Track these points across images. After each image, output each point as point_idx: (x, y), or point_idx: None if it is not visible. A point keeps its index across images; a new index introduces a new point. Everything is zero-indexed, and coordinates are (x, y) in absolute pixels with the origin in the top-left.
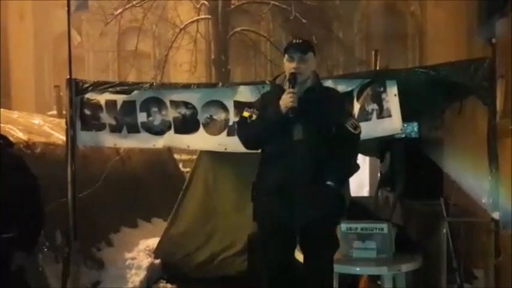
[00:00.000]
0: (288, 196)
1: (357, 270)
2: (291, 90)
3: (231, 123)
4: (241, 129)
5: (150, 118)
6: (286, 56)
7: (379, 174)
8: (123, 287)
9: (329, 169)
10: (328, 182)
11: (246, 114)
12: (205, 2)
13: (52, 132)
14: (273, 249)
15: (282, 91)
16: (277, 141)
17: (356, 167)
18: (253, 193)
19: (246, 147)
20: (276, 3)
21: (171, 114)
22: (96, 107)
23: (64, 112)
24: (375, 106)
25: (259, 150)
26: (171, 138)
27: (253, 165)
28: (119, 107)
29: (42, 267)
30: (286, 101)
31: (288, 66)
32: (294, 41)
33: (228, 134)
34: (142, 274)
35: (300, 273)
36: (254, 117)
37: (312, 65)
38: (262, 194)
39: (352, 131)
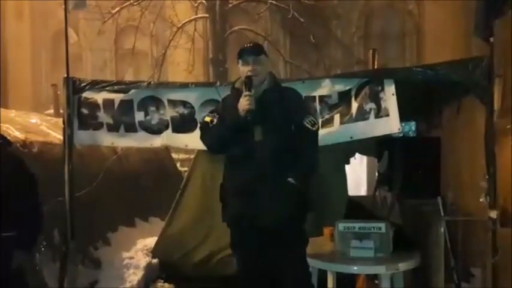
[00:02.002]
0: (252, 196)
1: (355, 269)
2: (247, 93)
3: None
4: (204, 134)
5: (148, 117)
6: (240, 61)
7: (376, 174)
8: (121, 286)
9: (290, 166)
10: (289, 179)
11: (207, 119)
12: (203, 1)
13: (49, 131)
14: (244, 250)
15: (241, 94)
16: (239, 144)
17: (316, 163)
18: (221, 194)
19: (210, 151)
20: (274, 2)
21: (169, 113)
22: (94, 106)
23: (61, 111)
24: (373, 105)
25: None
26: (168, 138)
27: None
28: (116, 106)
29: (39, 267)
30: (243, 104)
31: (243, 70)
32: (246, 45)
33: None
34: (140, 273)
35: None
36: (215, 121)
37: (266, 67)
38: (229, 195)
39: (310, 128)
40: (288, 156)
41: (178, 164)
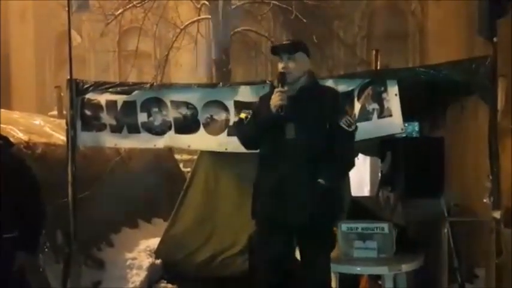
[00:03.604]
0: (282, 195)
1: (358, 270)
2: (279, 89)
3: (231, 123)
4: (238, 131)
5: (151, 118)
6: (278, 57)
7: (379, 174)
8: (124, 287)
9: (321, 167)
10: (320, 180)
11: (242, 115)
12: (206, 2)
13: (53, 132)
14: (271, 249)
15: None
16: (271, 141)
17: (351, 165)
18: (253, 193)
19: (245, 147)
20: (277, 3)
21: (172, 114)
22: (97, 107)
23: (65, 112)
24: (376, 106)
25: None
26: (171, 139)
27: (254, 165)
28: (119, 107)
29: (42, 268)
30: (274, 99)
31: (279, 66)
32: (282, 42)
33: (229, 134)
34: (143, 274)
35: (297, 274)
36: (249, 118)
37: (303, 65)
38: (260, 194)
39: (346, 128)
40: (320, 155)
41: (181, 165)
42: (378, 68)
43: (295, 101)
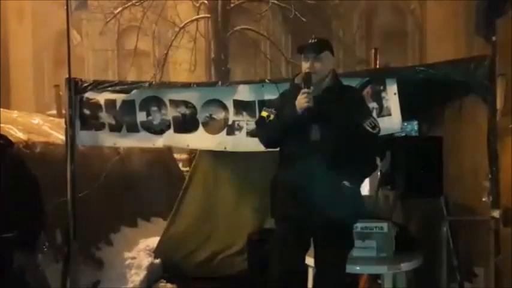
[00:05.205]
0: (305, 196)
1: (357, 269)
2: (306, 90)
3: (230, 122)
4: (260, 129)
5: (150, 117)
6: (302, 56)
7: (379, 173)
8: (123, 286)
9: (346, 169)
10: (344, 182)
11: (264, 113)
12: (205, 1)
13: (51, 131)
14: (291, 249)
15: (300, 91)
16: (294, 142)
17: (374, 166)
18: (270, 192)
19: (265, 146)
20: (276, 2)
21: (171, 113)
22: (96, 106)
23: (63, 112)
24: (375, 105)
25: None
26: (170, 138)
27: (253, 164)
28: (118, 106)
29: (42, 267)
30: (301, 101)
31: (303, 66)
32: (309, 41)
33: (228, 133)
34: (142, 274)
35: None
36: (272, 117)
37: (328, 64)
38: (280, 193)
39: (370, 130)
40: (344, 157)
41: (180, 164)
42: (377, 67)
43: (321, 101)
